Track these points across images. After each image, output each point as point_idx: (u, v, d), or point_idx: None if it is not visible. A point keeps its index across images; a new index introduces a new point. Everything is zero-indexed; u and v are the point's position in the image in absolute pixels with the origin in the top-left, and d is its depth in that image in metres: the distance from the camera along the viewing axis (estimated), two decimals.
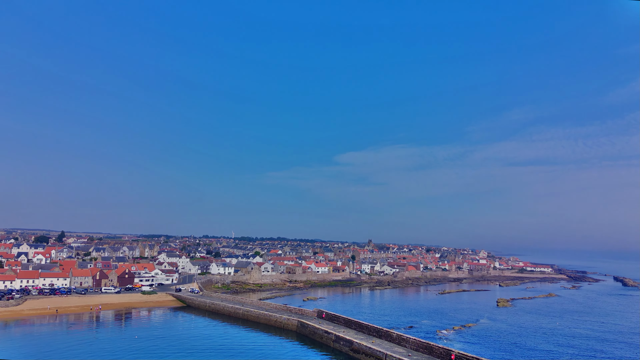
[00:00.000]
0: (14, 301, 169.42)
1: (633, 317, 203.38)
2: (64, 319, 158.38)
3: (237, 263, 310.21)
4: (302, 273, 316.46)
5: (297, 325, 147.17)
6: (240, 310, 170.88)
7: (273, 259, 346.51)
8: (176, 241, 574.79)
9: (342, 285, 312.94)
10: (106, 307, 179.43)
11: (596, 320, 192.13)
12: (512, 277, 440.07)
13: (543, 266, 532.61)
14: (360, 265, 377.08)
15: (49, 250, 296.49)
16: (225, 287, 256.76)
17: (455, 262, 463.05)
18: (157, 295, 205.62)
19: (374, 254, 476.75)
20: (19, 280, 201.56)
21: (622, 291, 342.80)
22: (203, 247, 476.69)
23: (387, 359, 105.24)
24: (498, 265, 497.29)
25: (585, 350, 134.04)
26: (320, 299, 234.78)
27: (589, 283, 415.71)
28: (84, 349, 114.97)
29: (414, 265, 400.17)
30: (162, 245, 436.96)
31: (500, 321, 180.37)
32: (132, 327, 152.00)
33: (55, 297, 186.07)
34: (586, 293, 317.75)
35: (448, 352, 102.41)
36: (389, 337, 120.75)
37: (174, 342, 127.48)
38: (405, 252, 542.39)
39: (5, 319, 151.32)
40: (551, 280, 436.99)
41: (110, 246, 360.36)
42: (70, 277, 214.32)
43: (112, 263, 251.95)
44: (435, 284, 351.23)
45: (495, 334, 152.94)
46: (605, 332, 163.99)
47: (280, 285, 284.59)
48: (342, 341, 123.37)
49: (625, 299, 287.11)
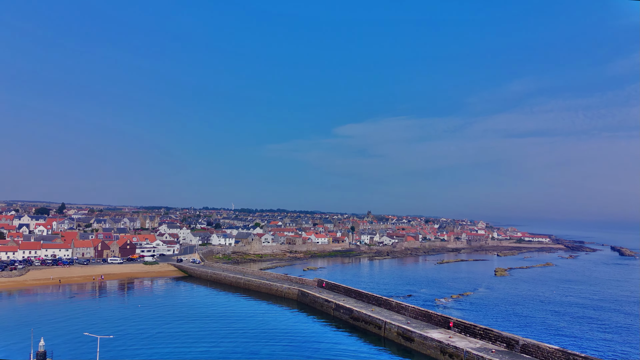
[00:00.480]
0: (17, 272, 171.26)
1: (628, 286, 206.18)
2: (67, 288, 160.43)
3: (237, 234, 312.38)
4: (302, 244, 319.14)
5: (298, 294, 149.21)
6: (242, 279, 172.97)
7: (273, 230, 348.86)
8: (176, 213, 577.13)
9: (342, 255, 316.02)
10: (109, 277, 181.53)
11: (592, 289, 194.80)
12: (510, 247, 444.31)
13: (541, 236, 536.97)
14: (359, 236, 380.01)
15: (50, 221, 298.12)
16: (226, 257, 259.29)
17: (453, 232, 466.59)
18: (159, 266, 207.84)
19: (373, 225, 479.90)
20: (21, 251, 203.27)
21: (618, 260, 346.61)
22: (203, 218, 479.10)
23: (387, 327, 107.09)
24: (496, 236, 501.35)
25: (581, 318, 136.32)
26: (320, 269, 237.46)
27: (586, 253, 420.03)
28: (88, 317, 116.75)
29: (413, 236, 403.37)
30: (163, 217, 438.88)
31: (498, 290, 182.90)
32: (135, 296, 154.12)
33: (57, 268, 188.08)
34: (583, 263, 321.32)
35: (446, 319, 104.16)
36: (388, 305, 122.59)
37: (177, 310, 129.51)
38: (404, 223, 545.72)
39: (8, 289, 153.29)
40: (549, 250, 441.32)
41: (111, 218, 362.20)
42: (72, 248, 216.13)
43: (113, 234, 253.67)
44: (434, 254, 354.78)
45: (493, 302, 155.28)
46: (600, 301, 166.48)
47: (281, 256, 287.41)
48: (342, 309, 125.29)
49: (622, 268, 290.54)
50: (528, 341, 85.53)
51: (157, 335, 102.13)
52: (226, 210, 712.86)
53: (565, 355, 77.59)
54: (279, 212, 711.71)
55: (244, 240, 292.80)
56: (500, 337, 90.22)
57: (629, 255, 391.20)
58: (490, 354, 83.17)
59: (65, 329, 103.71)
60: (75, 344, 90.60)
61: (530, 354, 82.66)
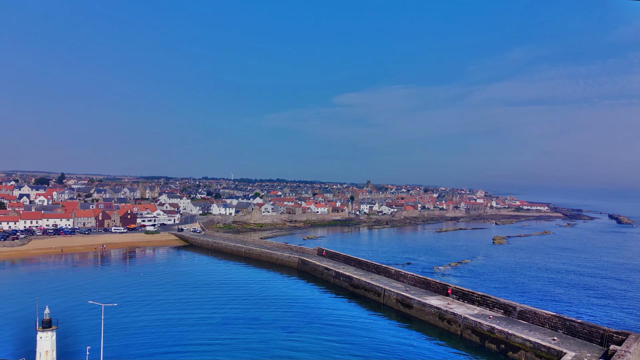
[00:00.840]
0: (19, 241, 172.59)
1: (625, 254, 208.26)
2: (69, 257, 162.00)
3: (237, 204, 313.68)
4: (301, 213, 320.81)
5: (298, 262, 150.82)
6: (242, 248, 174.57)
7: (273, 200, 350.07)
8: (176, 183, 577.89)
9: (341, 224, 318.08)
10: (110, 247, 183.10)
11: (589, 256, 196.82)
12: (508, 216, 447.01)
13: (539, 205, 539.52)
14: (358, 205, 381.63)
15: (50, 191, 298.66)
16: (227, 227, 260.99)
17: (452, 201, 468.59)
18: (160, 235, 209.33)
19: (372, 195, 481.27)
20: (23, 221, 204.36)
21: (616, 228, 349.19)
22: (203, 188, 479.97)
23: (386, 294, 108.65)
24: (495, 205, 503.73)
25: (578, 285, 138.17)
26: (320, 238, 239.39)
27: (584, 221, 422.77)
28: (92, 286, 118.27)
29: (412, 205, 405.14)
30: (163, 187, 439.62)
31: (496, 258, 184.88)
32: (137, 264, 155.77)
33: (59, 237, 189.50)
34: (580, 231, 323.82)
35: (445, 286, 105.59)
36: (387, 273, 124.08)
37: (178, 278, 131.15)
38: (403, 193, 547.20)
39: (11, 258, 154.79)
40: (547, 218, 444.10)
41: (111, 188, 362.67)
42: (73, 217, 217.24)
43: (113, 204, 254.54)
44: (433, 223, 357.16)
45: (491, 270, 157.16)
46: (597, 268, 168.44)
47: (281, 225, 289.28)
48: (342, 277, 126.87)
49: (619, 236, 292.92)
50: (525, 307, 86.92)
51: (160, 303, 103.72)
52: (226, 180, 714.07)
53: (561, 321, 78.98)
54: (278, 182, 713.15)
55: (244, 210, 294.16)
56: (497, 303, 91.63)
57: (627, 223, 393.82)
58: (488, 320, 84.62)
59: (69, 297, 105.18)
60: (80, 312, 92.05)
61: (527, 320, 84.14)
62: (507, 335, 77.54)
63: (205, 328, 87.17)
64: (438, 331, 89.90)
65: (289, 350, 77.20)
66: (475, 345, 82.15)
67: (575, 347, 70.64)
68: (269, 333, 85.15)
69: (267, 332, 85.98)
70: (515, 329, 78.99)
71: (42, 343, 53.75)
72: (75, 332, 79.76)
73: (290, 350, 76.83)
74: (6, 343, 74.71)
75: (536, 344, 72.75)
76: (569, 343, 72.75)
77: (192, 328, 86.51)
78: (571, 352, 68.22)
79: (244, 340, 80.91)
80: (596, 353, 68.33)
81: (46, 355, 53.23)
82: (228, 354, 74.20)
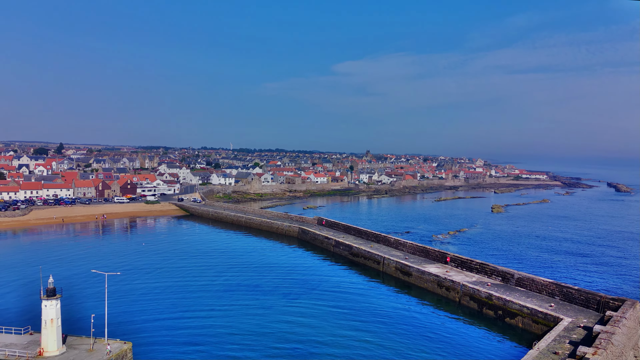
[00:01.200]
0: (20, 211, 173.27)
1: (622, 222, 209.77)
2: (71, 227, 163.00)
3: (237, 174, 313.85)
4: (301, 183, 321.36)
5: (298, 231, 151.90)
6: (243, 218, 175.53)
7: (272, 170, 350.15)
8: (175, 152, 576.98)
9: (341, 194, 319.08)
10: (111, 216, 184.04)
11: (587, 225, 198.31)
12: (507, 185, 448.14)
13: (538, 173, 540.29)
14: (358, 175, 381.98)
15: (49, 162, 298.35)
16: (227, 196, 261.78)
17: (451, 170, 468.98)
18: (161, 205, 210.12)
19: (371, 164, 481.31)
20: (23, 191, 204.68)
21: (614, 197, 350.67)
22: (202, 158, 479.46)
23: (385, 262, 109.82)
24: (494, 173, 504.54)
25: (575, 253, 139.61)
26: (320, 208, 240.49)
27: (582, 189, 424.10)
28: (94, 255, 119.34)
29: (411, 175, 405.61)
30: (162, 157, 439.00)
31: (494, 226, 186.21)
32: (138, 234, 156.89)
33: (60, 207, 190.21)
34: (579, 199, 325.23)
35: (443, 254, 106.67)
36: (386, 241, 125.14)
37: (180, 246, 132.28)
38: (402, 162, 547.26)
39: (13, 228, 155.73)
40: (545, 187, 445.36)
41: (110, 158, 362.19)
42: (73, 188, 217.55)
43: (113, 174, 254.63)
44: (432, 192, 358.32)
45: (489, 238, 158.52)
46: (594, 237, 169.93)
47: (281, 195, 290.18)
48: (341, 246, 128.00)
49: (617, 204, 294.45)
50: (523, 274, 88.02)
51: (162, 270, 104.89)
52: (225, 150, 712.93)
53: (558, 288, 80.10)
54: (277, 152, 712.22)
55: (244, 179, 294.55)
56: (495, 271, 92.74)
57: (625, 192, 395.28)
58: (486, 287, 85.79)
59: (72, 266, 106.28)
60: (83, 281, 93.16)
61: (525, 287, 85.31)
62: (505, 302, 78.77)
63: (208, 294, 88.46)
64: (436, 298, 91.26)
65: (291, 315, 78.60)
66: (473, 311, 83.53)
67: (572, 313, 71.85)
68: (270, 300, 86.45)
69: (268, 298, 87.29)
70: (512, 296, 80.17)
71: (47, 311, 54.56)
72: (79, 301, 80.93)
73: (292, 316, 78.22)
74: (11, 311, 75.91)
75: (533, 310, 73.98)
76: (566, 309, 73.95)
77: (194, 295, 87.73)
78: (568, 318, 69.43)
79: (246, 307, 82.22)
80: (592, 319, 69.54)
81: (51, 323, 54.10)
82: (230, 320, 75.45)
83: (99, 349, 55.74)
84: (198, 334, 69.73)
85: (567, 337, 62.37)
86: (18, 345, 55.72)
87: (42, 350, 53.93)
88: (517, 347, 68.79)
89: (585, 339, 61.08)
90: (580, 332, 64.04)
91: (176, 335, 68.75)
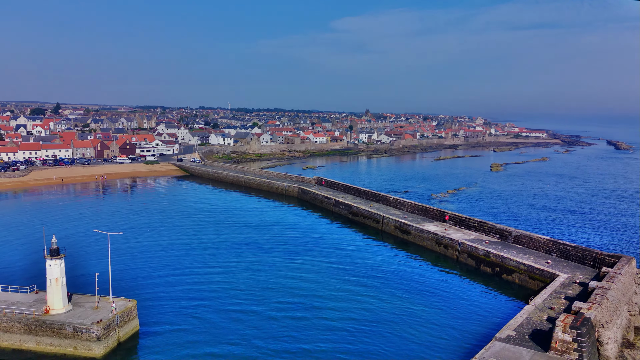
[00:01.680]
0: (20, 172, 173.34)
1: (621, 180, 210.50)
2: (71, 188, 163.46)
3: (236, 134, 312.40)
4: (300, 143, 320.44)
5: (298, 191, 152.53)
6: (242, 178, 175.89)
7: (271, 130, 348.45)
8: (173, 112, 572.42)
9: (340, 154, 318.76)
10: (111, 177, 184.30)
11: (584, 183, 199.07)
12: (506, 143, 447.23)
13: (538, 131, 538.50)
14: (357, 135, 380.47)
15: (46, 122, 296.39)
16: (226, 157, 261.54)
17: (451, 129, 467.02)
18: (160, 165, 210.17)
19: (371, 124, 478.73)
20: (22, 152, 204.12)
21: (614, 154, 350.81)
22: (200, 118, 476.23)
23: (384, 221, 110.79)
24: (494, 132, 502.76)
25: (573, 211, 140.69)
26: (319, 168, 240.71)
27: (582, 147, 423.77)
28: (96, 215, 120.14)
29: (411, 134, 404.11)
30: (160, 117, 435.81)
31: (493, 185, 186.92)
32: (139, 194, 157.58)
33: (59, 168, 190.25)
34: (578, 157, 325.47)
35: (442, 213, 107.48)
36: (386, 201, 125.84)
37: (181, 206, 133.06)
38: (402, 121, 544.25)
39: (13, 189, 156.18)
40: (545, 145, 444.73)
41: (107, 118, 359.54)
42: (72, 148, 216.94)
43: (111, 134, 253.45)
44: (431, 151, 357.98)
45: (488, 197, 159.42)
46: (592, 195, 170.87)
47: (280, 155, 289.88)
48: (341, 205, 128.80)
49: (616, 162, 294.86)
50: (520, 232, 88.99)
51: (163, 229, 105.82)
52: (223, 110, 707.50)
53: (555, 245, 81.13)
54: (276, 112, 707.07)
55: (243, 140, 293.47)
56: (494, 229, 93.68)
57: (625, 149, 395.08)
58: (484, 244, 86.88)
59: (74, 226, 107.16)
60: (86, 240, 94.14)
61: (523, 244, 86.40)
62: (502, 259, 79.96)
63: (209, 252, 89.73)
64: (435, 255, 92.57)
65: (293, 271, 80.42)
66: (471, 268, 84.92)
67: (568, 270, 73.05)
68: (271, 257, 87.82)
69: (269, 255, 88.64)
70: (510, 253, 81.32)
71: (52, 270, 55.36)
72: (83, 260, 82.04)
73: (294, 272, 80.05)
74: (17, 271, 77.00)
75: (530, 267, 75.20)
76: (562, 266, 75.14)
77: (196, 252, 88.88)
78: (564, 274, 70.64)
79: (248, 263, 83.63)
80: (588, 275, 70.74)
81: (56, 282, 54.99)
82: (233, 276, 76.78)
83: (104, 306, 56.89)
84: (202, 289, 71.13)
85: (562, 292, 63.63)
86: (24, 304, 56.82)
87: (48, 309, 55.07)
88: (514, 302, 70.28)
89: (580, 294, 62.33)
90: (576, 288, 65.29)
91: (180, 291, 70.11)
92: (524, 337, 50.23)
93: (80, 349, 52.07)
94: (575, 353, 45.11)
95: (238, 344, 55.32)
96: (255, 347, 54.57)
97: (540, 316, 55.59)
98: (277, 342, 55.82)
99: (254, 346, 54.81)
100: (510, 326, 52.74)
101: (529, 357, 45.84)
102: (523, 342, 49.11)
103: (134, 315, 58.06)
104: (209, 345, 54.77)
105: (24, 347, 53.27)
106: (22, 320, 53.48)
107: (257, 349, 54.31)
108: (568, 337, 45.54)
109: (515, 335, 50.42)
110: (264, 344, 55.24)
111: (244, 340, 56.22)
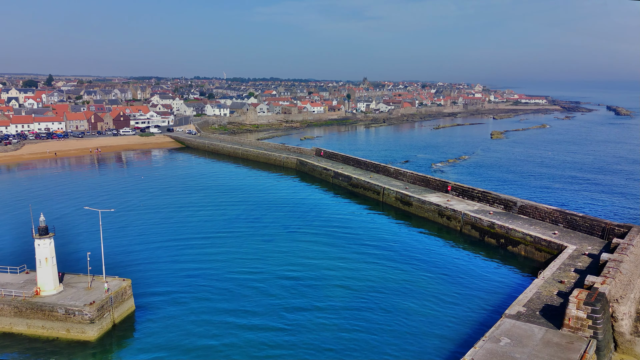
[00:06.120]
0: (12, 146, 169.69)
1: (623, 146, 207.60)
2: (65, 161, 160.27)
3: (232, 104, 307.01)
4: (297, 113, 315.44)
5: (297, 163, 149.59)
6: (240, 150, 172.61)
7: (268, 100, 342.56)
8: (167, 83, 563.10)
9: (338, 124, 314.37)
10: (105, 150, 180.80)
11: (587, 149, 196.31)
12: (506, 110, 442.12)
13: (537, 98, 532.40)
14: (355, 103, 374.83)
15: (39, 94, 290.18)
16: (222, 128, 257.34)
17: (450, 97, 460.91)
18: (155, 137, 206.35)
19: (369, 92, 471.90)
20: (14, 125, 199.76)
21: (614, 120, 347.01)
22: (195, 88, 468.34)
23: (385, 192, 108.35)
24: (493, 99, 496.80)
25: (577, 178, 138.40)
26: (317, 138, 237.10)
27: (582, 113, 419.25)
28: (89, 191, 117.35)
29: (409, 102, 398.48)
30: (154, 87, 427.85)
31: (494, 153, 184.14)
32: (134, 167, 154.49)
33: (52, 141, 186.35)
34: (578, 123, 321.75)
35: (444, 183, 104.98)
36: (386, 171, 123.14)
37: (177, 180, 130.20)
38: (400, 89, 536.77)
39: (6, 163, 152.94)
40: (545, 111, 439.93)
41: (101, 89, 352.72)
42: (65, 121, 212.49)
43: (105, 106, 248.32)
44: (430, 120, 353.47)
45: (489, 165, 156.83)
46: (595, 162, 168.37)
47: (277, 126, 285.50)
48: (340, 177, 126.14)
49: (616, 127, 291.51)
50: (526, 202, 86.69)
51: (158, 205, 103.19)
52: (218, 80, 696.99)
53: (562, 215, 78.91)
54: (272, 81, 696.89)
55: (239, 110, 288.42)
56: (498, 199, 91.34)
57: (625, 115, 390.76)
58: (488, 215, 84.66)
59: (66, 203, 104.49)
60: (78, 218, 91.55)
61: (528, 215, 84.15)
62: (507, 230, 77.87)
63: (208, 227, 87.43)
64: (437, 227, 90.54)
65: (294, 242, 79.82)
66: (475, 240, 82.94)
67: (576, 241, 70.97)
68: (271, 230, 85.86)
69: (268, 230, 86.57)
70: (515, 224, 79.15)
71: (41, 250, 52.93)
72: (74, 238, 79.65)
73: (295, 242, 79.63)
74: (6, 251, 74.46)
75: (536, 238, 73.14)
76: (570, 237, 73.04)
77: (192, 226, 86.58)
78: (572, 245, 68.59)
79: (248, 238, 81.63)
80: (597, 246, 68.71)
81: (46, 262, 52.63)
82: (233, 252, 74.64)
83: (97, 286, 54.76)
84: (199, 267, 69.02)
85: (572, 265, 61.65)
86: (14, 285, 54.60)
87: (38, 290, 52.79)
88: (521, 274, 68.45)
89: (590, 266, 60.35)
90: (585, 260, 63.29)
91: (177, 269, 68.01)
92: (535, 313, 48.34)
93: (73, 332, 50.10)
94: (590, 330, 43.23)
95: (237, 322, 53.44)
96: (254, 326, 52.75)
97: (551, 290, 53.63)
98: (278, 319, 54.01)
99: (253, 325, 52.93)
100: (519, 302, 50.82)
101: (542, 335, 43.96)
102: (534, 318, 47.21)
103: (129, 295, 56.02)
104: (208, 325, 52.89)
105: (15, 330, 51.31)
106: (11, 302, 51.35)
107: (256, 328, 52.51)
108: (582, 314, 43.59)
109: (526, 312, 48.51)
110: (261, 321, 53.41)
111: (244, 318, 54.35)
